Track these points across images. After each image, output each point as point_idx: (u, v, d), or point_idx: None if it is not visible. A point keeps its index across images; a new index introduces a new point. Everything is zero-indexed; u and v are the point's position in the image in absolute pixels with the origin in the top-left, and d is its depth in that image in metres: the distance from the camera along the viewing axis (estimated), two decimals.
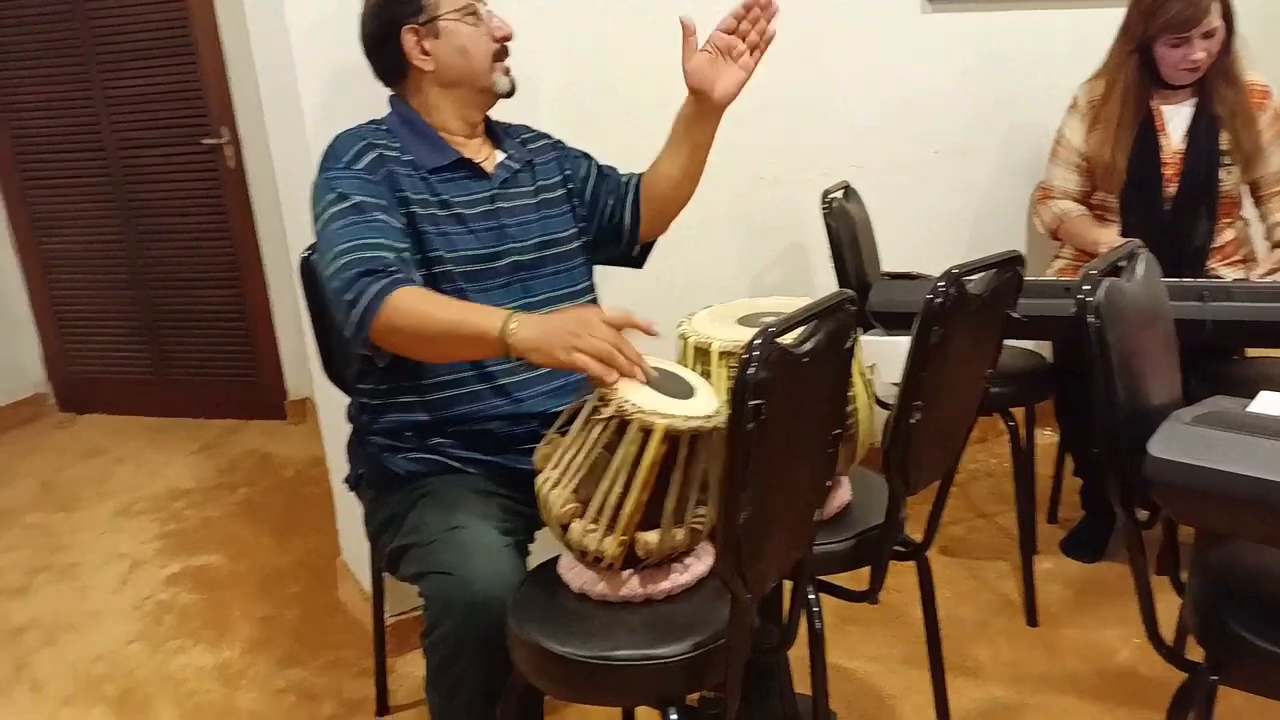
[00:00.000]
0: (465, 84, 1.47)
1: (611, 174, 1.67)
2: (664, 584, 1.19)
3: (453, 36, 1.44)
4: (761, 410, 0.94)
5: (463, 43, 1.44)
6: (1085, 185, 2.33)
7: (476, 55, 1.45)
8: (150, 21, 3.10)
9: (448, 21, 1.43)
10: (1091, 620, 2.05)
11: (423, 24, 1.43)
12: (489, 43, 1.47)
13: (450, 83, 1.46)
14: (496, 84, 1.49)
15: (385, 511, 1.43)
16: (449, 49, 1.44)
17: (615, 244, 1.66)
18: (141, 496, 2.86)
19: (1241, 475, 1.02)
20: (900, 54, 2.49)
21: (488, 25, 1.47)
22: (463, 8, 1.44)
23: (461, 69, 1.45)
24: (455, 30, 1.44)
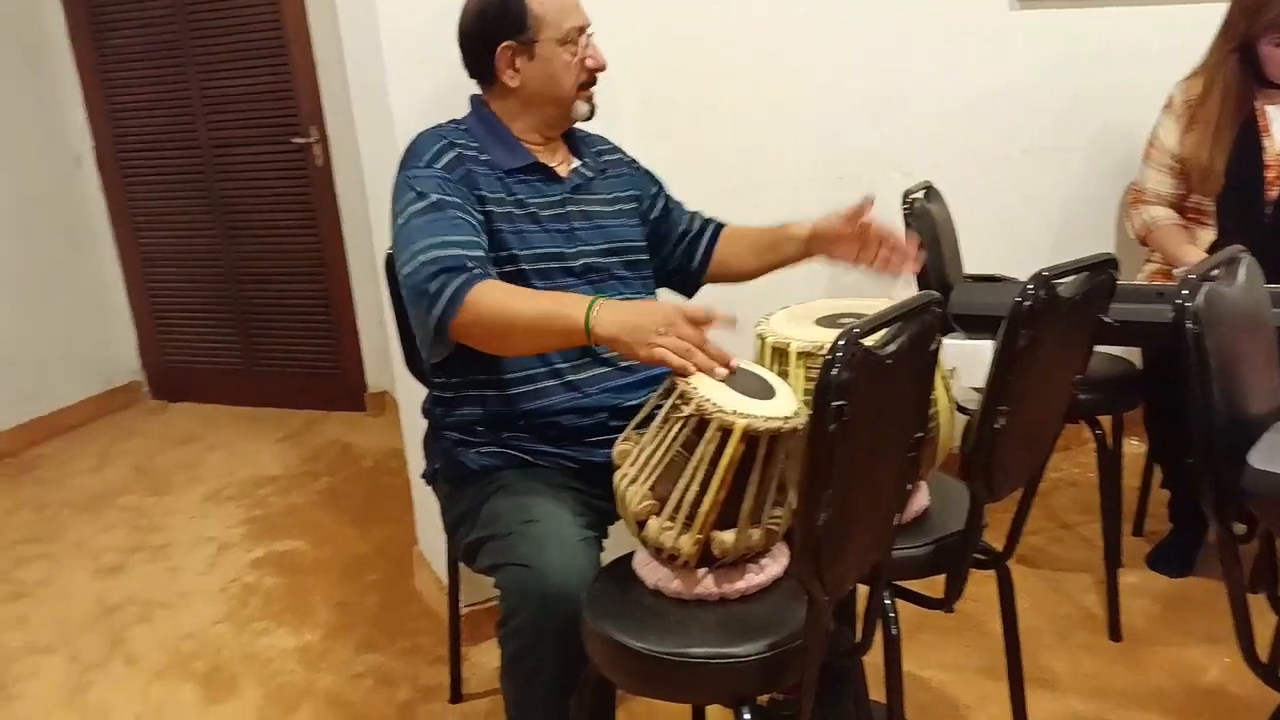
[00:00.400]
0: (546, 106, 1.49)
1: (678, 210, 1.71)
2: (739, 584, 1.19)
3: (546, 63, 1.45)
4: (844, 411, 0.94)
5: (554, 70, 1.46)
6: (1179, 188, 2.25)
7: (564, 83, 1.47)
8: (246, 25, 3.21)
9: (546, 47, 1.45)
10: (1178, 636, 1.98)
11: (522, 43, 1.44)
12: (580, 71, 1.47)
13: (531, 102, 1.48)
14: (576, 110, 1.50)
15: (461, 505, 1.45)
16: (539, 72, 1.46)
17: (674, 275, 1.70)
18: (230, 482, 2.96)
19: None
20: (987, 51, 2.43)
21: (583, 54, 1.47)
22: (564, 36, 1.45)
23: (546, 93, 1.47)
24: (550, 56, 1.45)
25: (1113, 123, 2.55)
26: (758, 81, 2.22)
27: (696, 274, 1.70)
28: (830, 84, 2.30)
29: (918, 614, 1.53)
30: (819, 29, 2.25)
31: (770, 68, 2.22)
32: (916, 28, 2.34)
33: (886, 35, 2.32)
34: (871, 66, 2.33)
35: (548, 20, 1.44)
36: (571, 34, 1.46)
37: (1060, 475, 2.68)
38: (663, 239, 1.67)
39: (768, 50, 2.21)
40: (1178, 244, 2.19)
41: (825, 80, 2.29)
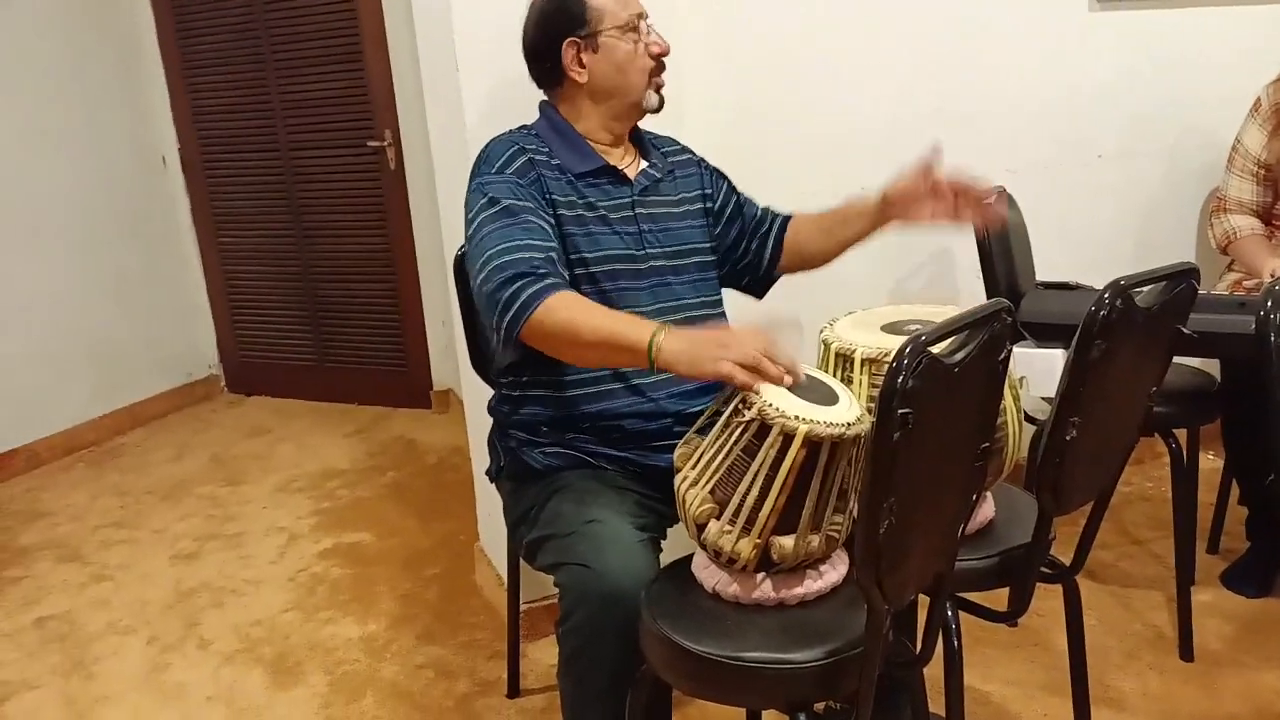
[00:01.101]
0: (616, 97, 1.50)
1: (749, 205, 1.69)
2: (797, 589, 1.19)
3: (611, 52, 1.47)
4: (909, 419, 0.93)
5: (620, 59, 1.47)
6: (1264, 195, 2.17)
7: (632, 72, 1.48)
8: (324, 31, 3.31)
9: (608, 37, 1.46)
10: (1255, 660, 1.90)
11: (583, 38, 1.47)
12: (645, 59, 1.49)
13: (602, 96, 1.50)
14: (647, 100, 1.51)
15: (524, 503, 1.48)
16: (606, 64, 1.47)
17: (746, 273, 1.69)
18: (300, 474, 3.05)
19: None
20: (1064, 53, 2.38)
21: (645, 41, 1.49)
22: (624, 24, 1.47)
23: (615, 84, 1.49)
24: (614, 46, 1.47)
25: (1194, 127, 2.48)
26: (830, 84, 2.21)
27: (770, 267, 1.68)
28: (904, 87, 2.28)
29: (979, 626, 1.51)
30: (894, 32, 2.23)
31: (843, 70, 2.21)
32: (993, 29, 2.30)
33: (963, 37, 2.29)
34: (947, 69, 2.30)
35: (607, 11, 1.46)
36: (632, 21, 1.47)
37: (1132, 489, 2.61)
38: (737, 235, 1.66)
39: (840, 53, 2.20)
40: (1259, 255, 2.11)
41: (899, 83, 2.27)
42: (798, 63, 2.17)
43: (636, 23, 1.48)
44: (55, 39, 3.25)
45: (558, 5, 1.47)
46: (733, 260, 1.66)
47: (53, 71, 3.25)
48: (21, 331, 3.20)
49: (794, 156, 2.22)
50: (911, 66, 2.27)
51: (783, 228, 1.67)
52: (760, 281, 1.71)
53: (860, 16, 2.20)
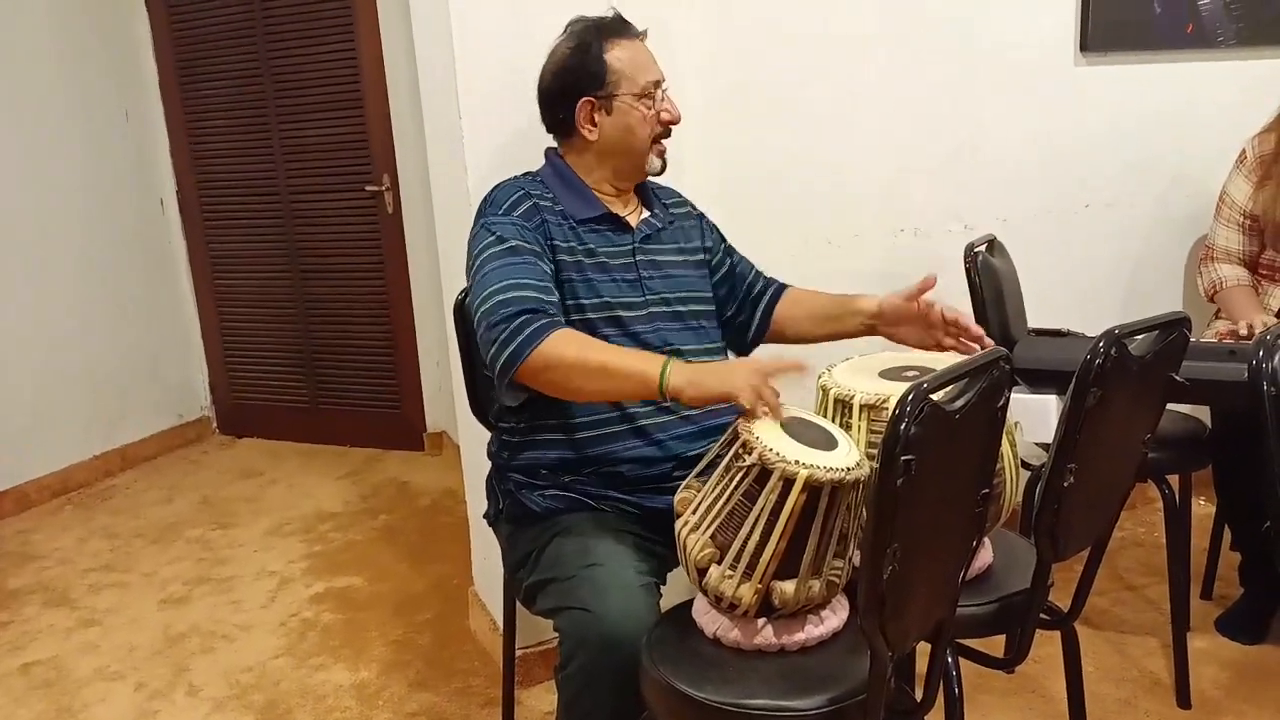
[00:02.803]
0: (621, 158, 1.53)
1: (743, 268, 1.72)
2: (798, 635, 1.19)
3: (624, 115, 1.50)
4: (911, 466, 0.94)
5: (631, 123, 1.50)
6: (1250, 245, 2.22)
7: (640, 136, 1.51)
8: (326, 78, 3.35)
9: (623, 101, 1.50)
10: (1252, 707, 1.90)
11: (600, 98, 1.49)
12: (655, 125, 1.52)
13: (608, 155, 1.53)
14: (650, 164, 1.55)
15: (523, 547, 1.47)
16: (617, 125, 1.50)
17: (734, 335, 1.72)
18: (292, 517, 3.03)
19: None
20: (1051, 105, 2.43)
21: (658, 107, 1.52)
22: (641, 90, 1.50)
23: (623, 145, 1.52)
24: (628, 111, 1.50)
25: (1182, 178, 2.53)
26: (822, 133, 2.25)
27: (755, 335, 1.71)
28: (895, 135, 2.32)
29: (976, 673, 1.51)
30: (884, 81, 2.28)
31: (835, 119, 2.26)
32: (982, 79, 2.36)
33: (952, 87, 2.34)
34: (936, 117, 2.35)
35: (626, 75, 1.49)
36: (649, 88, 1.50)
37: (1125, 535, 2.61)
38: (726, 295, 1.69)
39: (832, 102, 2.25)
40: (1243, 307, 2.15)
41: (890, 131, 2.31)
42: (793, 116, 2.22)
43: (653, 90, 1.51)
44: (57, 80, 3.29)
45: (579, 61, 1.49)
46: (721, 318, 1.68)
47: (53, 113, 3.28)
48: (13, 372, 3.19)
49: (788, 209, 2.25)
50: (904, 118, 2.31)
51: (774, 300, 1.70)
52: (746, 344, 1.73)
53: (854, 72, 2.25)
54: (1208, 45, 2.50)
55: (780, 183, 2.23)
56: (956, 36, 2.31)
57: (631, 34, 1.52)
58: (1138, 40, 2.45)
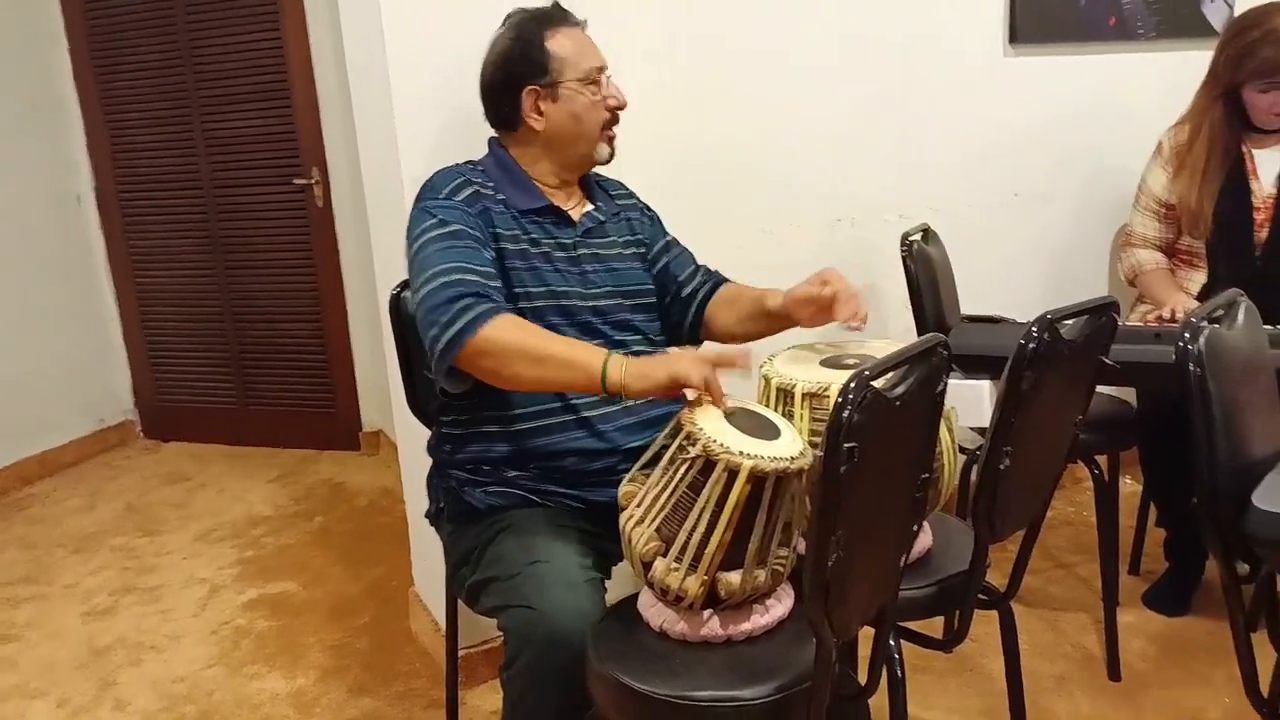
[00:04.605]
0: (570, 147, 1.51)
1: (679, 264, 1.68)
2: (744, 625, 1.19)
3: (569, 103, 1.48)
4: (855, 453, 0.94)
5: (577, 110, 1.48)
6: (1167, 232, 2.29)
7: (587, 123, 1.49)
8: (250, 67, 3.25)
9: (568, 89, 1.47)
10: (1178, 677, 1.97)
11: (544, 86, 1.47)
12: (601, 112, 1.50)
13: (556, 144, 1.51)
14: (599, 152, 1.53)
15: (465, 545, 1.45)
16: (563, 114, 1.48)
17: (670, 331, 1.68)
18: (222, 522, 2.94)
19: None
20: (982, 96, 2.48)
21: (604, 94, 1.50)
22: (585, 76, 1.48)
23: (570, 134, 1.50)
24: (573, 97, 1.48)
25: (1106, 168, 2.60)
26: (756, 126, 2.26)
27: (689, 335, 1.69)
28: (831, 127, 2.34)
29: (916, 654, 1.53)
30: (817, 73, 2.29)
31: (769, 112, 2.26)
32: (914, 71, 2.39)
33: (887, 79, 2.37)
34: (872, 109, 2.37)
35: (570, 62, 1.47)
36: (593, 74, 1.49)
37: (1056, 514, 2.68)
38: (661, 290, 1.67)
39: (766, 95, 2.25)
40: (1164, 289, 2.22)
41: (827, 123, 2.32)
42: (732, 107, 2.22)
43: (597, 76, 1.49)
44: None
45: (522, 51, 1.47)
46: (668, 316, 1.67)
47: None
48: None
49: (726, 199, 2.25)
50: (840, 110, 2.33)
51: (706, 299, 1.66)
52: (682, 340, 1.70)
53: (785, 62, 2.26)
54: (1129, 38, 2.58)
55: (718, 173, 2.23)
56: (892, 29, 2.34)
57: (572, 22, 1.51)
58: (1064, 33, 2.51)
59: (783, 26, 2.23)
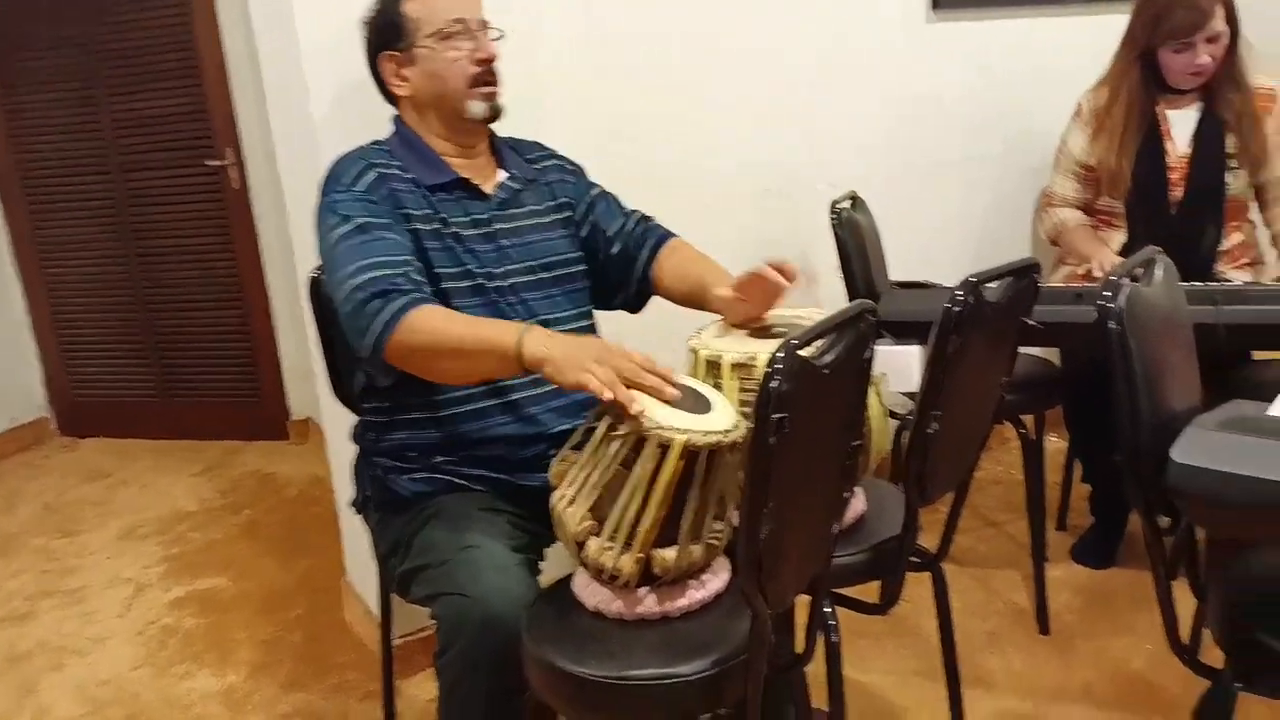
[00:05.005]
0: (439, 108, 1.45)
1: (608, 214, 1.59)
2: (681, 601, 1.18)
3: (426, 62, 1.42)
4: (785, 424, 0.93)
5: (435, 68, 1.42)
6: (1086, 193, 2.33)
7: (450, 79, 1.42)
8: (156, 45, 3.11)
9: (423, 47, 1.41)
10: (1103, 628, 2.03)
11: (400, 50, 1.42)
12: (467, 66, 1.42)
13: (427, 107, 1.45)
14: (470, 109, 1.43)
15: (393, 534, 1.41)
16: (423, 74, 1.43)
17: (613, 293, 1.61)
18: (145, 519, 2.83)
19: (1269, 480, 1.00)
20: (906, 63, 2.48)
21: (466, 47, 1.42)
22: (438, 31, 1.41)
23: (434, 93, 1.43)
24: (429, 55, 1.42)
25: (1028, 131, 2.63)
26: (683, 97, 2.23)
27: (634, 298, 1.61)
28: (755, 97, 2.32)
29: (853, 619, 1.54)
30: (742, 44, 2.27)
31: (695, 83, 2.23)
32: (838, 40, 2.38)
33: (809, 48, 2.35)
34: (795, 79, 2.36)
35: (424, 19, 1.41)
36: (451, 27, 1.41)
37: (984, 474, 2.74)
38: (591, 252, 1.59)
39: (691, 65, 2.22)
40: (1087, 243, 2.26)
41: (749, 94, 2.31)
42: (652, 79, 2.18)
43: (454, 28, 1.41)
44: None
45: (379, 17, 1.44)
46: (597, 277, 1.59)
47: None
48: None
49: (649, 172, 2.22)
50: (765, 79, 2.32)
51: (649, 260, 1.57)
52: (631, 302, 1.63)
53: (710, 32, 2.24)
54: (1049, 1, 2.60)
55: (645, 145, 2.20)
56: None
57: None
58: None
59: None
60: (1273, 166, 2.17)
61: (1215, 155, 2.17)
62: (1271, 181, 2.19)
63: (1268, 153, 2.16)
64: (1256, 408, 1.18)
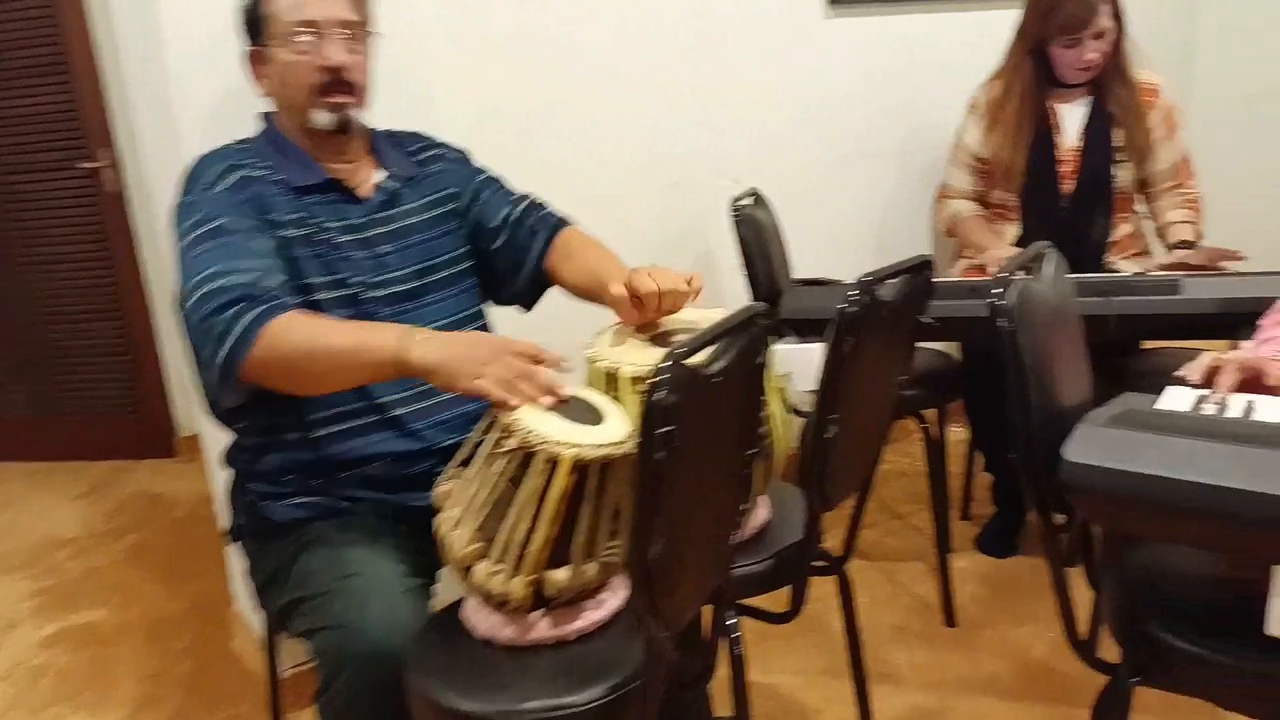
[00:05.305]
0: (290, 115, 1.36)
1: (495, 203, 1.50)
2: (577, 623, 1.12)
3: (275, 64, 1.34)
4: (673, 438, 0.88)
5: (280, 70, 1.33)
6: (980, 186, 2.36)
7: (291, 86, 1.33)
8: (22, 41, 2.90)
9: (274, 45, 1.33)
10: (1007, 618, 2.05)
11: (259, 46, 1.35)
12: (309, 73, 1.31)
13: (284, 110, 1.37)
14: (313, 118, 1.33)
15: (269, 564, 1.31)
16: (275, 76, 1.34)
17: (500, 286, 1.52)
18: (16, 549, 2.64)
19: (1158, 477, 1.00)
20: (804, 58, 2.47)
21: (310, 52, 1.32)
22: (284, 32, 1.31)
23: (282, 97, 1.36)
24: (276, 58, 1.33)
25: (926, 126, 2.65)
26: (582, 92, 2.18)
27: (528, 291, 1.52)
28: (655, 92, 2.28)
29: None
30: (642, 38, 2.23)
31: (595, 78, 2.19)
32: (736, 35, 2.35)
33: (708, 43, 2.32)
34: (695, 75, 2.33)
35: (278, 18, 1.32)
36: (294, 29, 1.31)
37: (890, 467, 2.76)
38: (478, 244, 1.50)
39: (592, 61, 2.18)
40: (981, 234, 2.29)
41: (650, 88, 2.27)
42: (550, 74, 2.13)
43: (301, 32, 1.31)
44: None
45: (247, 13, 1.35)
46: (486, 269, 1.50)
47: None
48: None
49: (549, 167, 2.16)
50: (660, 75, 2.28)
51: (542, 253, 1.49)
52: (523, 296, 1.54)
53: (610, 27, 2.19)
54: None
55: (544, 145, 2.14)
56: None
57: None
58: None
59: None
60: (1157, 160, 2.23)
61: (1104, 149, 2.21)
62: (1156, 174, 2.25)
63: (1151, 146, 2.22)
64: (1145, 400, 1.18)
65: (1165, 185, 2.25)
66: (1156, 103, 2.23)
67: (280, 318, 1.16)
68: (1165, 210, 2.25)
